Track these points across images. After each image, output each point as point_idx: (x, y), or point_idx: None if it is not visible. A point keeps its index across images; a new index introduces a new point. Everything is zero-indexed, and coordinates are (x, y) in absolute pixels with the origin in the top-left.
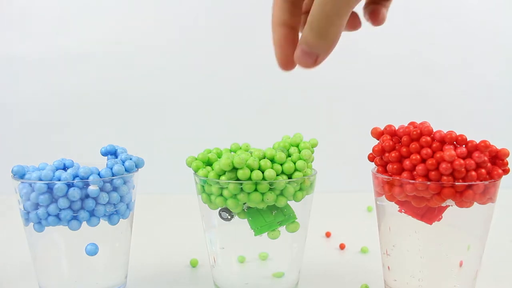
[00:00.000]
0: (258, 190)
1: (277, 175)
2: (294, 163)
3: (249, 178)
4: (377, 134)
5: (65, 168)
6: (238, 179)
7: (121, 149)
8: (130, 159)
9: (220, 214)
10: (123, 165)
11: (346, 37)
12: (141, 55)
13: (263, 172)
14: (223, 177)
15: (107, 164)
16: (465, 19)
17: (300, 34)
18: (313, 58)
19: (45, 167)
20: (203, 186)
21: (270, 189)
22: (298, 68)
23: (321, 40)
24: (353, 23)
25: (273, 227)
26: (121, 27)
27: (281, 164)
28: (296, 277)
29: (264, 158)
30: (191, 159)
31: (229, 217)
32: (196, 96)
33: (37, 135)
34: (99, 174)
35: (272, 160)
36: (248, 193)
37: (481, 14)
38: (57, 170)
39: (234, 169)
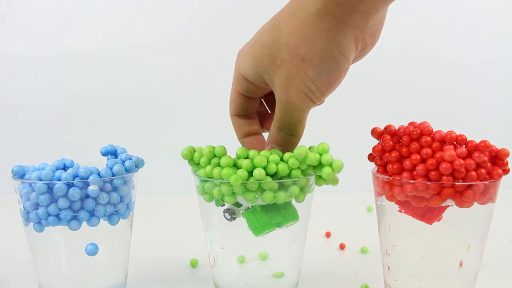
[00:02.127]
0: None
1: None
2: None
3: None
4: (377, 134)
5: (65, 168)
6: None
7: (121, 149)
8: (130, 159)
9: (224, 215)
10: (123, 165)
11: None
12: (141, 55)
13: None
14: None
15: (107, 164)
16: (465, 19)
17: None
18: (283, 152)
19: (45, 167)
20: (204, 183)
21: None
22: None
23: (292, 138)
24: None
25: (269, 228)
26: (120, 27)
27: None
28: (296, 277)
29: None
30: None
31: (234, 216)
32: (196, 95)
33: (37, 135)
34: (99, 174)
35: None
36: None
37: (481, 14)
38: (57, 170)
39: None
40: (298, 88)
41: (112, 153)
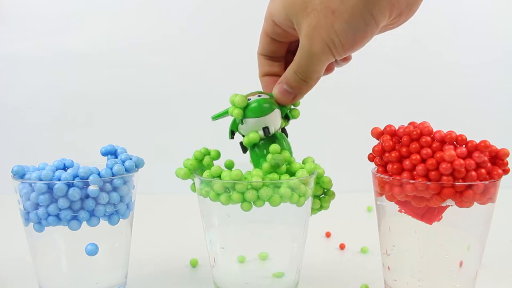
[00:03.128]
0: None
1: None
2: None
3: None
4: (377, 134)
5: (65, 168)
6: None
7: (121, 149)
8: (130, 159)
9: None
10: (123, 165)
11: None
12: (141, 55)
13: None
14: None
15: (107, 164)
16: (465, 19)
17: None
18: (292, 96)
19: (45, 167)
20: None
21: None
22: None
23: (304, 84)
24: (329, 67)
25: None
26: (120, 27)
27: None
28: (296, 277)
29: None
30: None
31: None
32: (196, 95)
33: (37, 135)
34: (99, 174)
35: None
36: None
37: (481, 14)
38: (57, 170)
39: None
40: (323, 38)
41: (112, 153)
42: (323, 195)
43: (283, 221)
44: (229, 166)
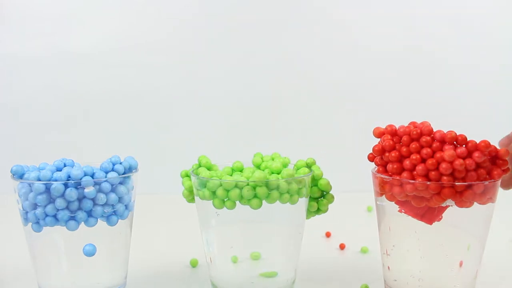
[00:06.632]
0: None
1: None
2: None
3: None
4: (380, 133)
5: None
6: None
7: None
8: (127, 161)
9: None
10: (115, 169)
11: (346, 37)
12: (141, 55)
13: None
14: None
15: (101, 166)
16: (466, 19)
17: None
18: None
19: (45, 167)
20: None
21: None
22: (300, 67)
23: None
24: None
25: None
26: (120, 27)
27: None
28: (292, 276)
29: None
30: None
31: None
32: (196, 96)
33: (37, 135)
34: (92, 176)
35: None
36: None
37: (482, 13)
38: (57, 170)
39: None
40: None
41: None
42: (322, 198)
43: (278, 220)
44: (238, 168)
